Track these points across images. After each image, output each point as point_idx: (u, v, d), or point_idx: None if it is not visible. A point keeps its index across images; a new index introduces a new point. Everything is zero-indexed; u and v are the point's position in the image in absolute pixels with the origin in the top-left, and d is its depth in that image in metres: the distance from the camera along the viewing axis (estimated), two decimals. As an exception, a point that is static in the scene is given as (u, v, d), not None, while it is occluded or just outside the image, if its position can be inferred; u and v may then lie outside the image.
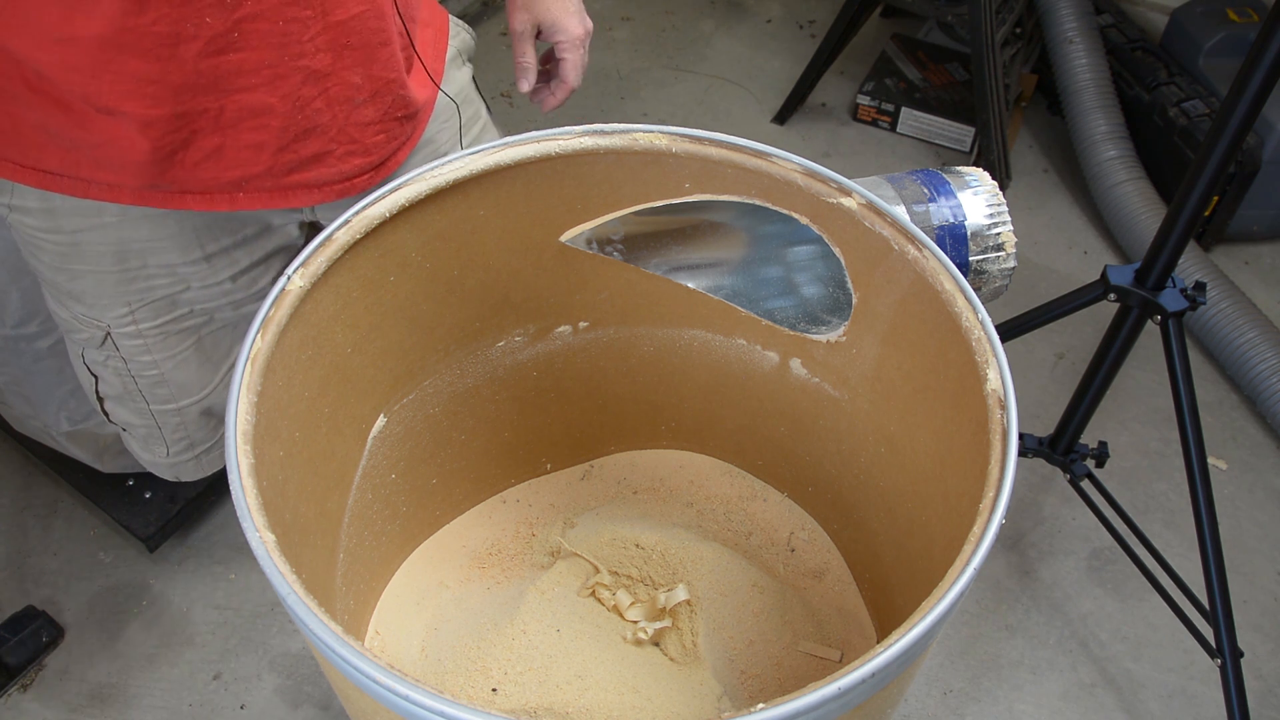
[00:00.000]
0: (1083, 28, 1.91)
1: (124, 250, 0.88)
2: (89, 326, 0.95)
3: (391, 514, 0.87)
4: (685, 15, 2.39)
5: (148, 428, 1.05)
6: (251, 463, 0.58)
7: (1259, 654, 1.34)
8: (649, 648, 0.87)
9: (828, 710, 0.49)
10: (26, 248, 0.90)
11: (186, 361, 1.00)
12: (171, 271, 0.91)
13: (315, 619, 0.51)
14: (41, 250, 0.89)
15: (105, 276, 0.90)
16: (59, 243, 0.87)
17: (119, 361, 0.98)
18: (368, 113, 0.83)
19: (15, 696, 1.28)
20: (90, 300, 0.92)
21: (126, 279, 0.91)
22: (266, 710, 1.27)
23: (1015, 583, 1.41)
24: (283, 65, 0.76)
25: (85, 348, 0.98)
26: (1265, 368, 1.55)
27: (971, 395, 0.63)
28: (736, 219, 0.78)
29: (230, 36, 0.73)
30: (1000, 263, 0.85)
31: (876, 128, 2.11)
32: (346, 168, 0.85)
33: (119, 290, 0.91)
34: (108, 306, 0.92)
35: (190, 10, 0.70)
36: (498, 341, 0.87)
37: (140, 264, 0.90)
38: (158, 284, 0.92)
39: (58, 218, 0.85)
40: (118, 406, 1.04)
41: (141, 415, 1.04)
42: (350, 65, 0.80)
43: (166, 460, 1.10)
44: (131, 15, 0.69)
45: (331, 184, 0.85)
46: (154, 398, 1.01)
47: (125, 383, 1.00)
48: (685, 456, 1.02)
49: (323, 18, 0.76)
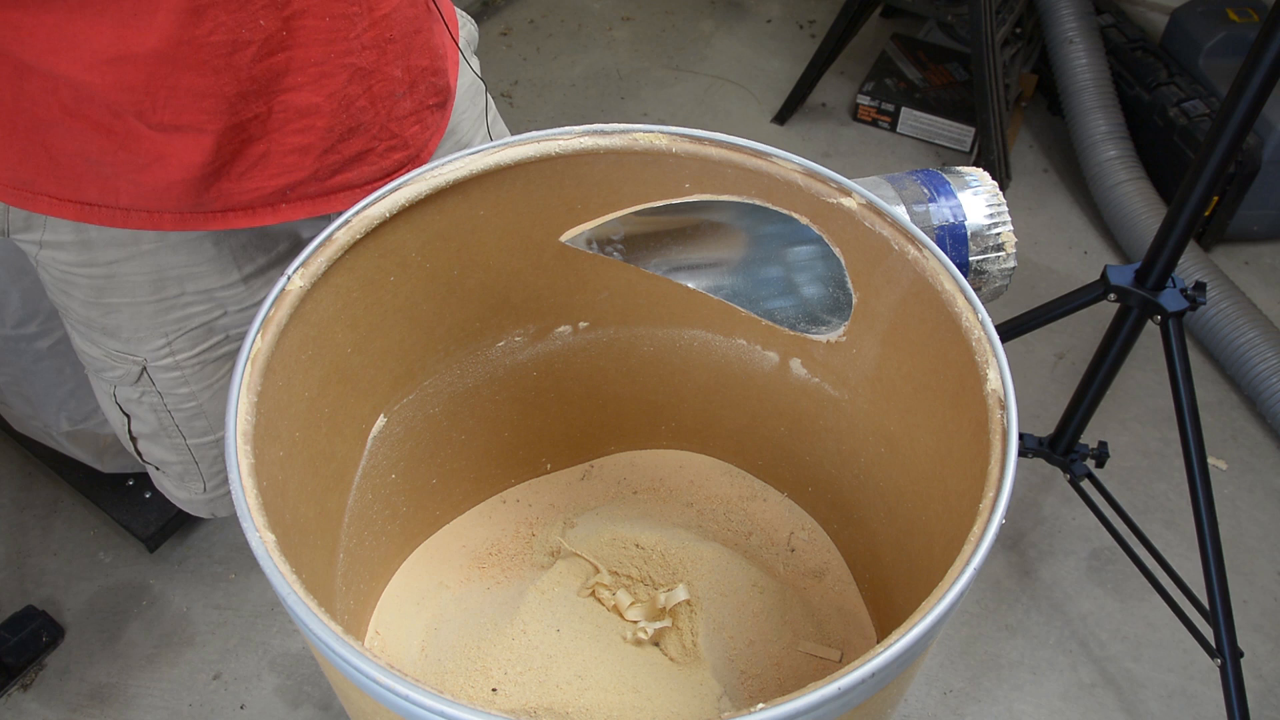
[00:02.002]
0: (1083, 28, 1.91)
1: (161, 279, 0.86)
2: (123, 363, 0.92)
3: (391, 514, 0.87)
4: (685, 15, 2.40)
5: (184, 464, 1.03)
6: (251, 463, 0.58)
7: (1259, 654, 1.34)
8: (649, 648, 0.87)
9: (828, 710, 0.49)
10: (58, 285, 0.88)
11: (223, 390, 0.97)
12: (209, 297, 0.89)
13: (315, 619, 0.51)
14: (75, 286, 0.86)
15: (142, 308, 0.88)
16: (94, 276, 0.85)
17: (155, 397, 0.95)
18: (406, 105, 0.82)
19: (15, 696, 1.28)
20: (126, 334, 0.90)
21: (164, 309, 0.88)
22: (266, 710, 1.27)
23: (1015, 583, 1.41)
24: (330, 63, 0.74)
25: (118, 385, 0.95)
26: (1265, 368, 1.55)
27: (971, 395, 0.63)
28: (736, 219, 0.78)
29: (280, 36, 0.71)
30: (1000, 263, 0.85)
31: (876, 128, 2.11)
32: (387, 164, 0.83)
33: (156, 321, 0.89)
34: (144, 339, 0.90)
35: (246, 15, 0.68)
36: (498, 341, 0.87)
37: (178, 292, 0.88)
38: (195, 311, 0.90)
39: (93, 250, 0.83)
40: (152, 445, 1.01)
41: (178, 451, 1.01)
42: (392, 59, 0.78)
43: (203, 497, 1.08)
44: (188, 27, 0.67)
45: (373, 181, 0.84)
46: (191, 431, 0.99)
47: (161, 419, 0.97)
48: (685, 456, 1.02)
49: (369, 13, 0.75)
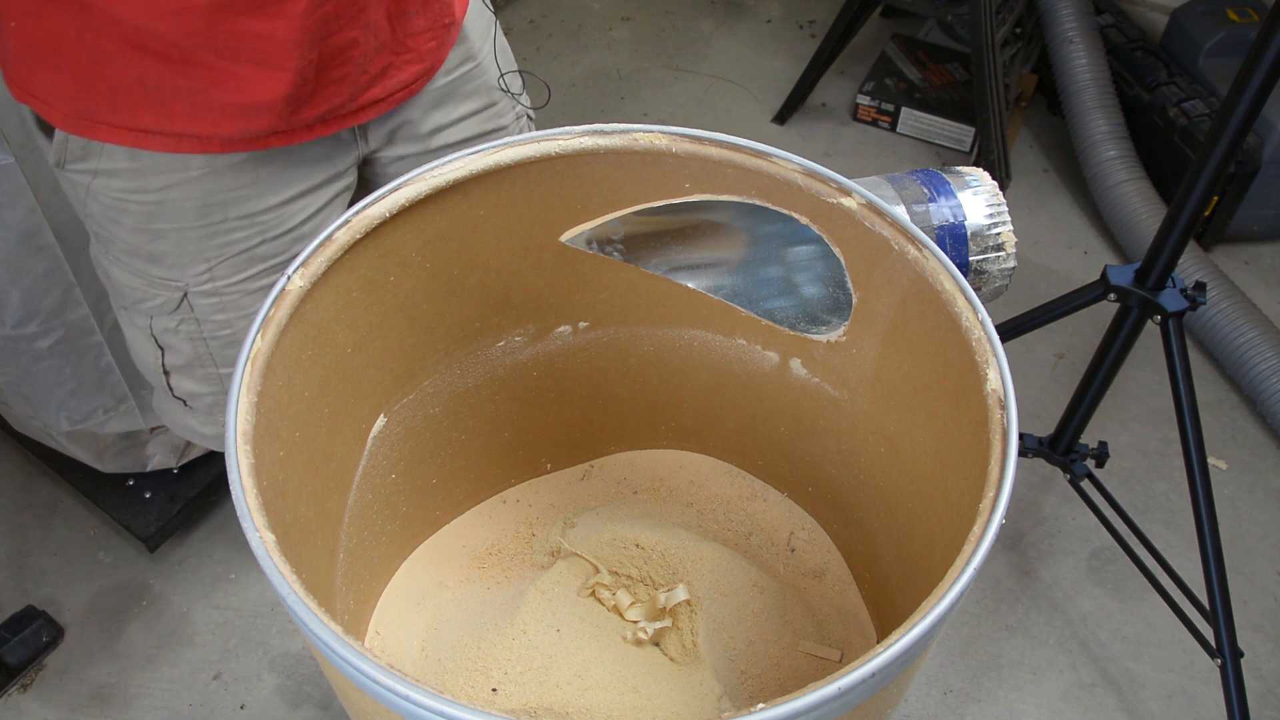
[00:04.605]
0: (1083, 28, 1.91)
1: (207, 204, 0.92)
2: (165, 290, 0.97)
3: (391, 514, 0.87)
4: (685, 15, 2.39)
5: (214, 395, 1.07)
6: (251, 463, 0.58)
7: (1259, 654, 1.34)
8: (649, 648, 0.87)
9: (828, 710, 0.50)
10: (107, 214, 0.93)
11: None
12: (252, 222, 0.95)
13: (315, 619, 0.51)
14: (125, 214, 0.92)
15: (188, 233, 0.93)
16: (144, 202, 0.90)
17: (192, 325, 1.00)
18: (420, 22, 0.92)
19: (15, 696, 1.28)
20: (170, 261, 0.95)
21: (208, 234, 0.94)
22: (266, 710, 1.27)
23: (1015, 583, 1.41)
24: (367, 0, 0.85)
25: (155, 316, 1.00)
26: (1265, 368, 1.55)
27: (971, 395, 0.63)
28: (736, 219, 0.78)
29: None
30: (1000, 263, 0.85)
31: (876, 128, 2.11)
32: (405, 76, 0.94)
33: (200, 246, 0.94)
34: (188, 265, 0.95)
35: None
36: (498, 341, 0.87)
37: (221, 217, 0.93)
38: (237, 237, 0.95)
39: (145, 176, 0.89)
40: (184, 378, 1.05)
41: (210, 382, 1.05)
42: None
43: None
44: None
45: (395, 94, 0.94)
46: (224, 360, 1.03)
47: (197, 348, 1.02)
48: (685, 456, 1.02)
49: None
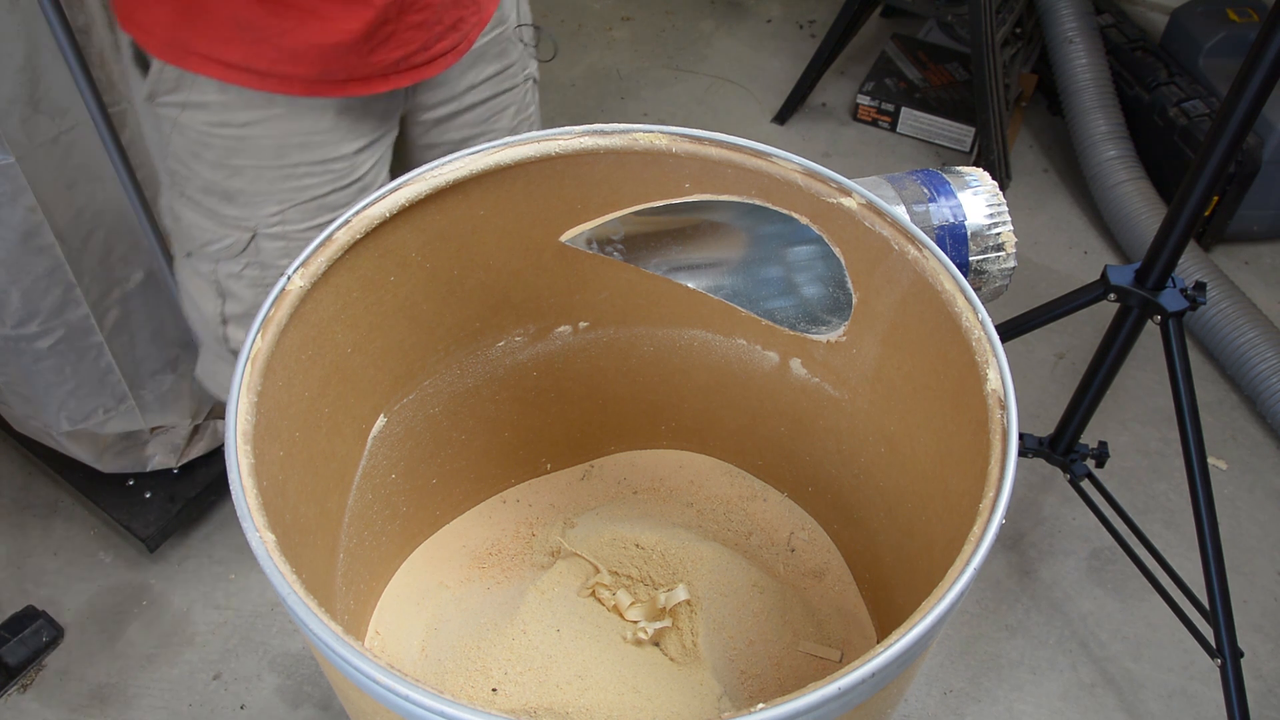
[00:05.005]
0: (1083, 28, 1.91)
1: (285, 144, 0.95)
2: (235, 230, 1.00)
3: (391, 514, 0.87)
4: (685, 15, 2.39)
5: None
6: (251, 463, 0.58)
7: (1259, 654, 1.34)
8: (649, 648, 0.87)
9: (828, 710, 0.50)
10: (190, 149, 0.96)
11: None
12: (325, 168, 0.98)
13: (315, 619, 0.51)
14: (208, 148, 0.95)
15: (265, 171, 0.96)
16: (227, 137, 0.94)
17: (256, 270, 1.02)
18: None
19: (15, 696, 1.28)
20: (244, 200, 0.98)
21: (283, 175, 0.97)
22: (266, 710, 1.27)
23: (1015, 583, 1.41)
24: None
25: (221, 261, 1.02)
26: (1265, 368, 1.55)
27: (971, 395, 0.63)
28: (736, 219, 0.78)
29: None
30: (1000, 263, 0.85)
31: (876, 128, 2.11)
32: (469, 29, 1.00)
33: (274, 187, 0.98)
34: (261, 204, 0.98)
35: None
36: (498, 341, 0.87)
37: (297, 160, 0.97)
38: (310, 183, 0.98)
39: (230, 111, 0.93)
40: (239, 329, 1.07)
41: None
42: None
43: None
44: None
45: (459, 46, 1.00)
46: None
47: (258, 294, 1.04)
48: (685, 456, 1.02)
49: None
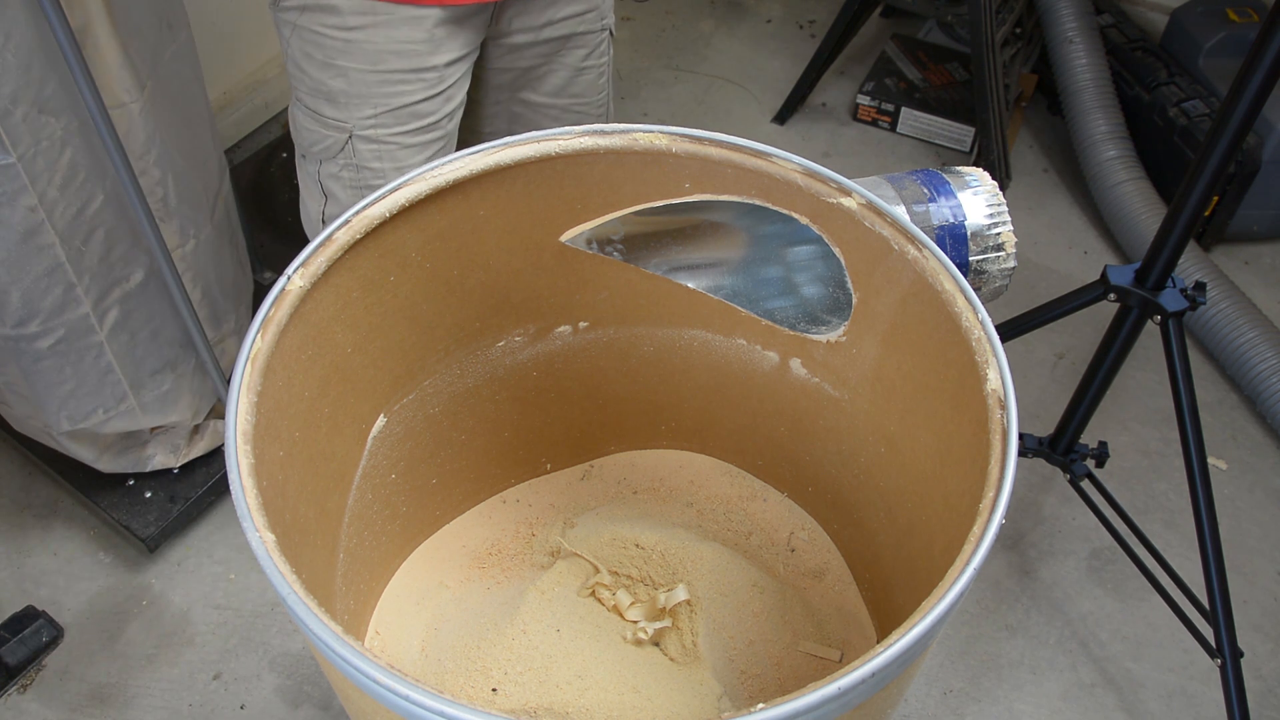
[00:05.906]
0: (1083, 28, 1.91)
1: (383, 51, 1.01)
2: (334, 131, 1.06)
3: (391, 514, 0.87)
4: (685, 15, 2.39)
5: None
6: (251, 463, 0.58)
7: (1259, 654, 1.34)
8: (649, 648, 0.87)
9: (828, 710, 0.50)
10: (304, 50, 1.03)
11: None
12: (418, 76, 1.04)
13: (315, 619, 0.51)
14: (317, 48, 1.02)
15: (365, 75, 1.03)
16: (335, 38, 1.01)
17: (351, 171, 1.08)
18: None
19: (15, 696, 1.28)
20: (344, 101, 1.04)
21: (379, 80, 1.03)
22: (266, 710, 1.27)
23: (1015, 583, 1.41)
24: None
25: (323, 162, 1.09)
26: (1265, 368, 1.55)
27: (971, 395, 0.63)
28: (736, 219, 0.78)
29: None
30: (1000, 263, 0.84)
31: (876, 128, 2.11)
32: None
33: (370, 91, 1.04)
34: (357, 106, 1.04)
35: None
36: (498, 341, 0.87)
37: (393, 68, 1.03)
38: (403, 89, 1.04)
39: (343, 15, 1.00)
40: None
41: None
42: None
43: None
44: None
45: None
46: None
47: (352, 197, 1.09)
48: (685, 456, 1.02)
49: None
